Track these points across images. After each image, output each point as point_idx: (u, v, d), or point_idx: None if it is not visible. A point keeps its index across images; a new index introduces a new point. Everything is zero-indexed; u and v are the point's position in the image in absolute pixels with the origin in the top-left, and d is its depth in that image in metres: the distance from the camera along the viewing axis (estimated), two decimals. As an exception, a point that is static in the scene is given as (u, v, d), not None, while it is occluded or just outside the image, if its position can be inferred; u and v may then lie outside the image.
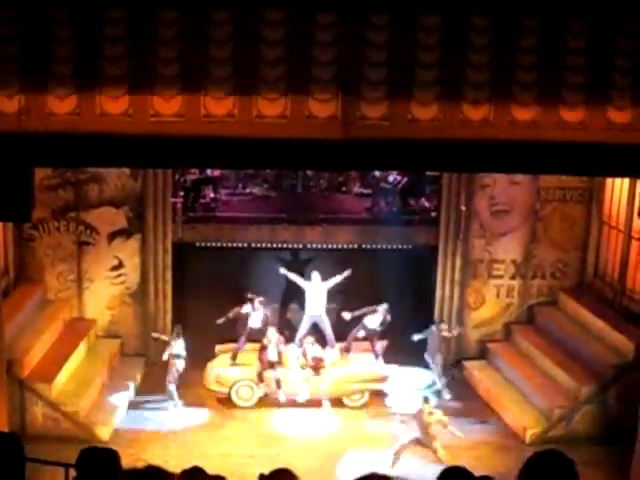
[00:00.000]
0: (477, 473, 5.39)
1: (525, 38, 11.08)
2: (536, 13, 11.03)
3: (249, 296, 17.69)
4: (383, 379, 17.51)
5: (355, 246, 19.77)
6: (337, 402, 17.25)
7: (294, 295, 19.07)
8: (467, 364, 18.97)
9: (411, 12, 10.96)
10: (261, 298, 17.72)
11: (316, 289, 17.92)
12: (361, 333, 17.92)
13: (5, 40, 10.74)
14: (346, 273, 17.84)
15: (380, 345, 18.11)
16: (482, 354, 19.25)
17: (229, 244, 19.54)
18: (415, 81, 11.08)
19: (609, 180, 18.11)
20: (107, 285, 18.67)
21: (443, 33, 11.01)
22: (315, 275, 18.00)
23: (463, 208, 18.84)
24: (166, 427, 16.21)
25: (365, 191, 22.11)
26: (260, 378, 17.04)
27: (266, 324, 17.54)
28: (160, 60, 10.88)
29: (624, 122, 11.36)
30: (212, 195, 21.06)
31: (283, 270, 18.26)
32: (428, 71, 11.07)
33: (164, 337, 17.65)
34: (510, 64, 11.12)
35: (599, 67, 11.18)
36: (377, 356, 17.91)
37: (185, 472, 5.43)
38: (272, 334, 17.16)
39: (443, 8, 11.00)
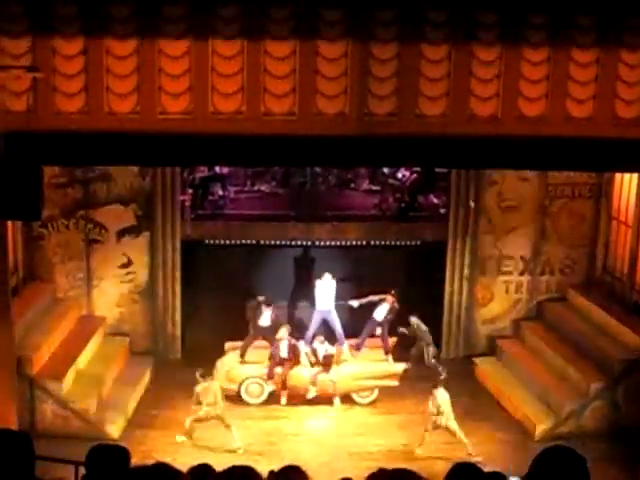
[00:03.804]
0: (486, 469, 5.39)
1: (533, 34, 11.08)
2: (543, 8, 11.03)
3: (260, 300, 17.58)
4: (393, 376, 17.49)
5: (364, 243, 19.76)
6: (347, 399, 17.25)
7: (303, 292, 19.06)
8: (476, 360, 18.95)
9: (418, 8, 10.96)
10: (263, 298, 17.64)
11: (326, 287, 17.88)
12: (377, 331, 17.89)
13: (13, 38, 10.80)
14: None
15: (390, 341, 18.10)
16: (491, 350, 19.23)
17: (238, 241, 19.52)
18: (422, 77, 11.09)
19: (618, 175, 18.07)
20: (116, 283, 18.69)
21: (450, 29, 11.02)
22: (326, 276, 17.94)
23: (472, 204, 18.83)
24: (175, 424, 16.21)
25: (374, 188, 22.09)
26: (270, 375, 17.04)
27: (276, 322, 17.53)
28: (166, 57, 10.93)
29: (632, 117, 11.36)
30: (220, 193, 21.05)
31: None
32: (435, 67, 11.08)
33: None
34: (518, 60, 11.13)
35: (606, 62, 11.17)
36: (387, 352, 17.89)
37: (193, 469, 5.42)
38: (284, 332, 17.13)
39: (450, 4, 11.00)
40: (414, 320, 17.96)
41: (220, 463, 5.41)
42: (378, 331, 17.85)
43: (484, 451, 15.19)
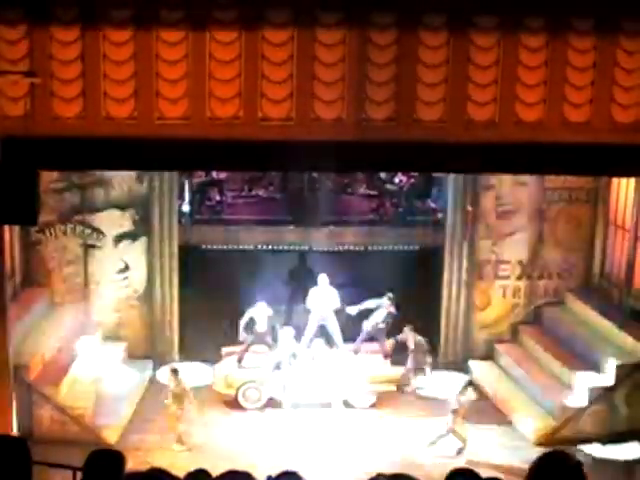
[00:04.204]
0: (485, 474, 5.38)
1: (530, 38, 11.09)
2: (540, 12, 11.04)
3: (254, 312, 17.56)
4: (391, 380, 17.49)
5: (361, 248, 19.75)
6: (345, 403, 17.23)
7: (300, 296, 19.05)
8: (474, 364, 18.94)
9: (416, 12, 10.97)
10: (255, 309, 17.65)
11: (323, 291, 17.88)
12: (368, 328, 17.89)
13: (12, 43, 10.81)
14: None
15: (387, 346, 18.09)
16: (489, 354, 19.23)
17: (235, 246, 19.52)
18: (420, 82, 11.09)
19: (615, 180, 18.09)
20: (113, 288, 18.67)
21: (447, 33, 11.02)
22: (322, 277, 17.96)
23: (469, 209, 18.84)
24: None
25: (371, 192, 22.09)
26: (268, 380, 17.00)
27: (272, 327, 17.52)
28: (164, 62, 10.94)
29: (629, 122, 11.37)
30: (218, 197, 21.05)
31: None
32: (433, 71, 11.09)
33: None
34: (515, 64, 11.14)
35: (602, 66, 11.19)
36: (385, 356, 17.89)
37: (190, 475, 5.40)
38: (286, 334, 17.10)
39: (448, 8, 11.01)
40: (407, 331, 17.98)
41: (217, 468, 5.40)
42: (364, 324, 17.81)
43: (482, 456, 15.19)
